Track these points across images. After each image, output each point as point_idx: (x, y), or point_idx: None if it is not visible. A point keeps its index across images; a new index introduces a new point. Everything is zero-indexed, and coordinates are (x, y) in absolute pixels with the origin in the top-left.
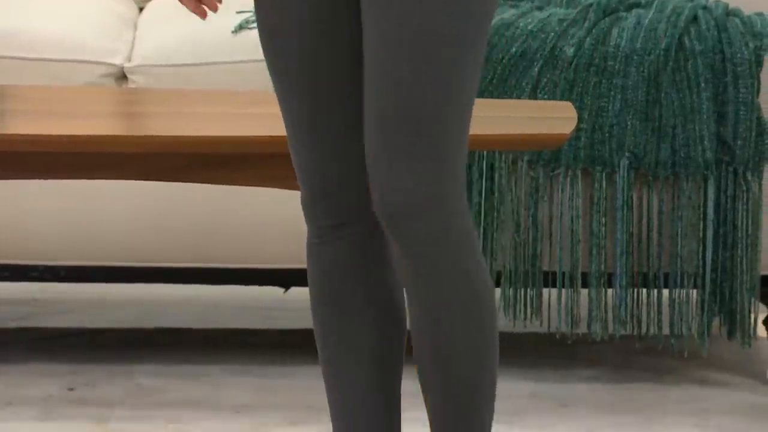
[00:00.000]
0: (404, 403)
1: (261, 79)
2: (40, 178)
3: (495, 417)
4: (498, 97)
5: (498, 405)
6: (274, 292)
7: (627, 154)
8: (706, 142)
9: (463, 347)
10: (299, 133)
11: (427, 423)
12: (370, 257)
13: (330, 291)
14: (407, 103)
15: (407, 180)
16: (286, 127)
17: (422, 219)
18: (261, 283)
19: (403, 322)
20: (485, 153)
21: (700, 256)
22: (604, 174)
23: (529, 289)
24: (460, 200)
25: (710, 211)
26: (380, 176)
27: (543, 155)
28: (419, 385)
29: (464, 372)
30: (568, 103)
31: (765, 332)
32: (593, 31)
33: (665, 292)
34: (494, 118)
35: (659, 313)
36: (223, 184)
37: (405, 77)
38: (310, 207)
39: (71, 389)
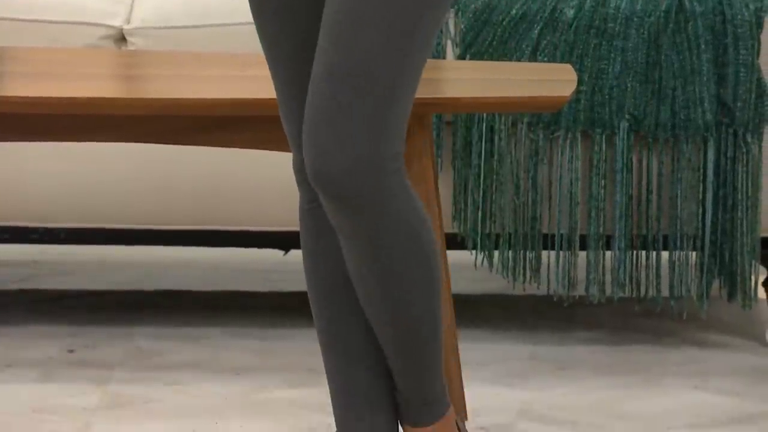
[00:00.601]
0: None
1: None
2: (39, 140)
3: (494, 379)
4: (498, 60)
5: (497, 367)
6: (273, 254)
7: (627, 116)
8: (706, 104)
9: (412, 287)
10: (287, 98)
11: None
12: None
13: (323, 255)
14: (361, 61)
15: (347, 140)
16: (276, 92)
17: (360, 181)
18: (261, 246)
19: None
20: (485, 115)
21: (700, 218)
22: (603, 136)
23: (528, 252)
24: (398, 159)
25: (710, 173)
26: (319, 136)
27: (543, 118)
28: None
29: (414, 310)
30: (568, 66)
31: (765, 294)
32: None
33: (664, 254)
34: (494, 80)
35: (658, 275)
36: (222, 146)
37: (364, 36)
38: (301, 171)
39: (71, 351)
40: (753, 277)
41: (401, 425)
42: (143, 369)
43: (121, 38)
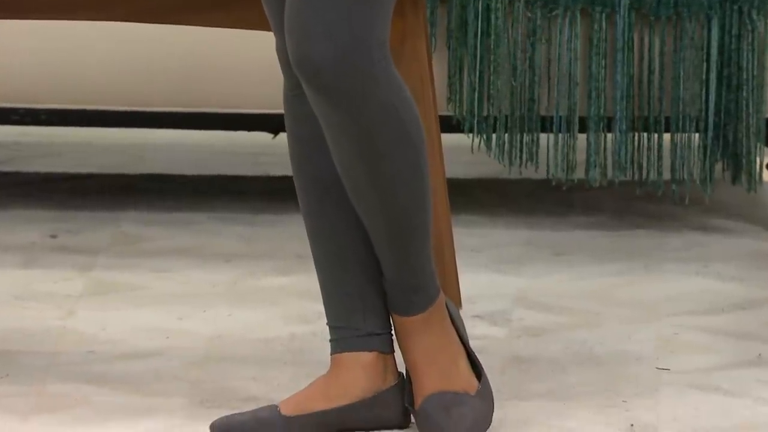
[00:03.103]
0: None
1: None
2: (20, 18)
3: (488, 265)
4: None
5: (492, 253)
6: (262, 137)
7: None
8: None
9: (398, 170)
10: None
11: None
12: None
13: (306, 142)
14: None
15: (331, 27)
16: None
17: (349, 71)
18: (249, 129)
19: None
20: None
21: (703, 99)
22: (603, 14)
23: (525, 134)
24: (384, 47)
25: (714, 51)
26: (302, 24)
27: None
28: None
29: (401, 193)
30: None
31: None
32: None
33: (666, 136)
34: None
35: (660, 158)
36: (210, 26)
37: None
38: (282, 55)
39: (54, 236)
40: (758, 159)
41: (391, 315)
42: (129, 255)
43: None
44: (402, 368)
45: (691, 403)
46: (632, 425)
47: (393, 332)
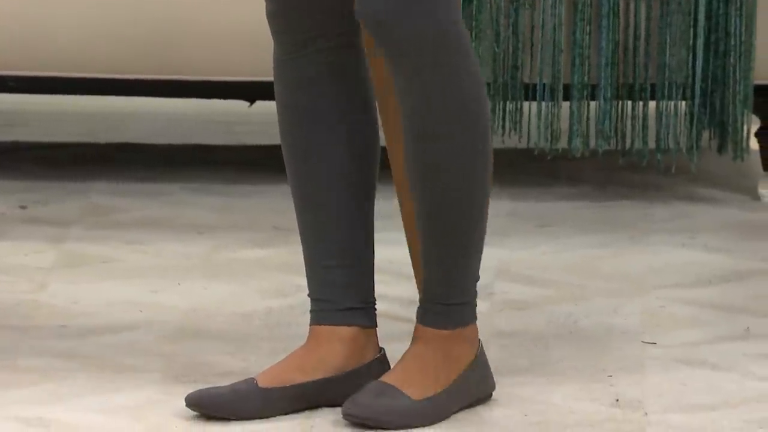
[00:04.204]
0: (378, 224)
1: None
2: None
3: None
4: None
5: None
6: (238, 105)
7: None
8: None
9: (451, 158)
10: None
11: (403, 243)
12: (339, 73)
13: (298, 110)
14: None
15: None
16: None
17: (410, 24)
18: (224, 97)
19: (376, 140)
20: None
21: (690, 66)
22: None
23: (508, 103)
24: (453, 8)
25: (701, 16)
26: None
27: None
28: (394, 207)
29: (446, 180)
30: None
31: (757, 145)
32: None
33: (652, 104)
34: None
35: (645, 126)
36: None
37: None
38: (276, 19)
39: (23, 207)
40: (745, 128)
41: (417, 324)
42: (100, 227)
43: None
44: (383, 343)
45: (678, 377)
46: (617, 400)
47: (376, 306)
